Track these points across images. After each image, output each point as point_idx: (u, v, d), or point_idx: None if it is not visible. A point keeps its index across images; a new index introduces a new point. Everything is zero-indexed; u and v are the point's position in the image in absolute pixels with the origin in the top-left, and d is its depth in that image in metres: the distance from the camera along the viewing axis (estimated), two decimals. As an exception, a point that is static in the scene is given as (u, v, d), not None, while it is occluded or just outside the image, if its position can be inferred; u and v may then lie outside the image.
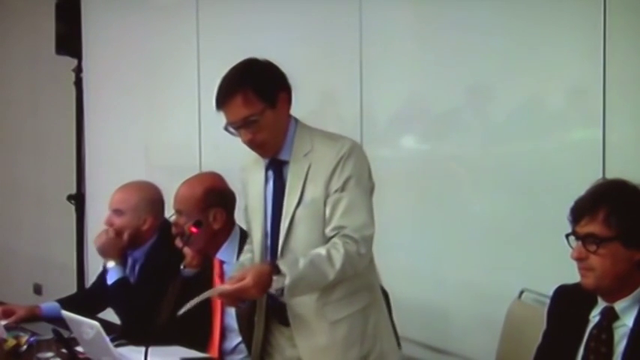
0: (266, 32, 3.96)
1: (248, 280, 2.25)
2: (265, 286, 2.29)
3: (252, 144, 2.42)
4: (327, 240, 2.37)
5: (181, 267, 2.98)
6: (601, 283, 2.09)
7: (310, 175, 2.40)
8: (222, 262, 2.93)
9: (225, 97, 2.37)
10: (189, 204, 2.90)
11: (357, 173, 2.39)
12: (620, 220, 2.05)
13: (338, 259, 2.31)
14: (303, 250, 2.37)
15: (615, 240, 2.05)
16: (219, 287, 2.45)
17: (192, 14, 4.47)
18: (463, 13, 3.25)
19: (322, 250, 2.32)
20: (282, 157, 2.46)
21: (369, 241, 2.38)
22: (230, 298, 2.35)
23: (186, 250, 2.96)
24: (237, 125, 2.38)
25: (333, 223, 2.37)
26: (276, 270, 2.29)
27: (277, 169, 2.47)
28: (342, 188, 2.36)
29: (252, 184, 2.55)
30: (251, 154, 2.52)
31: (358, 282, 2.45)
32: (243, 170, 2.60)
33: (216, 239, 2.93)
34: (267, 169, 2.50)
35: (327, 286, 2.36)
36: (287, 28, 3.93)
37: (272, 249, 2.48)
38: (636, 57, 2.76)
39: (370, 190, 2.46)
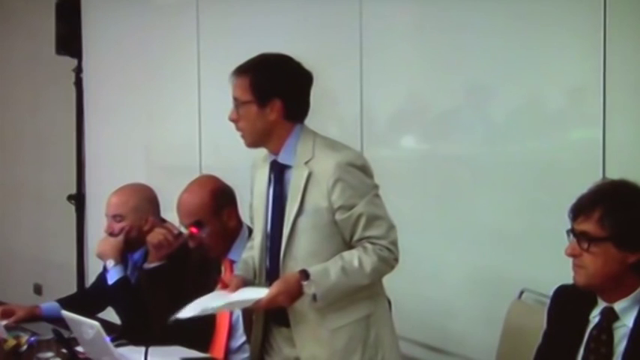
0: (266, 32, 3.95)
1: (274, 290, 2.36)
2: (294, 294, 2.37)
3: (235, 126, 2.50)
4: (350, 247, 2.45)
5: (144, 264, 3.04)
6: (591, 282, 2.10)
7: (310, 184, 2.42)
8: (232, 262, 2.89)
9: (234, 72, 2.51)
10: (201, 211, 2.87)
11: (361, 185, 2.43)
12: (614, 222, 2.05)
13: (368, 263, 2.40)
14: (304, 257, 2.43)
15: (607, 240, 2.05)
16: (247, 294, 2.46)
17: (193, 14, 4.47)
18: (463, 14, 3.25)
19: (354, 258, 2.39)
20: (284, 161, 2.49)
21: (396, 243, 2.47)
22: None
23: (150, 248, 3.02)
24: (233, 99, 2.50)
25: (358, 236, 2.43)
26: (304, 276, 2.36)
27: (279, 173, 2.49)
28: (352, 205, 2.41)
29: (258, 182, 2.58)
30: (261, 152, 2.56)
31: (361, 292, 2.46)
32: (253, 167, 2.64)
33: (228, 239, 2.92)
34: (270, 171, 2.53)
35: (360, 289, 2.44)
36: (287, 27, 3.92)
37: (271, 252, 2.51)
38: (636, 57, 2.75)
39: (376, 193, 2.48)
